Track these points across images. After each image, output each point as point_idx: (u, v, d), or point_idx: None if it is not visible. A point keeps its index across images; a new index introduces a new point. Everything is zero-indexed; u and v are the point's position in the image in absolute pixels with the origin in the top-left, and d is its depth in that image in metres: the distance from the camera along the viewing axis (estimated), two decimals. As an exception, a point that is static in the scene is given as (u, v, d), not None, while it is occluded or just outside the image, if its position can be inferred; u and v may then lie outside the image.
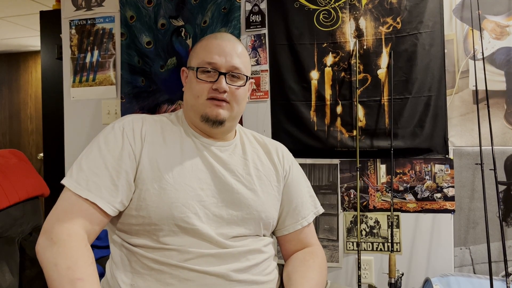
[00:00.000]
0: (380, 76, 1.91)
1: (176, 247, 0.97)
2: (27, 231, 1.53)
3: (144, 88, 2.15)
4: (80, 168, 0.97)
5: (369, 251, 1.94)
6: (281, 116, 2.01)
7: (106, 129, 1.05)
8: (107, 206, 0.95)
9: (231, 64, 1.05)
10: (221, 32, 1.16)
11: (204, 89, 1.04)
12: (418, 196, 1.89)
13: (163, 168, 1.01)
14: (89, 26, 2.24)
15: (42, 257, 0.88)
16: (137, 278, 0.97)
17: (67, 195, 0.95)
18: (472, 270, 1.83)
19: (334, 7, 1.95)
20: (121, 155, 0.99)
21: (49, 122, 2.63)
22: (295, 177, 1.20)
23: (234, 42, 1.09)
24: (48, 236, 0.90)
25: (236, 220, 1.04)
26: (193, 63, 1.08)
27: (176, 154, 1.04)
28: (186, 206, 0.99)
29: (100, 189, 0.95)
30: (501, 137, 1.80)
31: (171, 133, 1.08)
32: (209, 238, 0.99)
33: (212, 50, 1.06)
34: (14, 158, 1.62)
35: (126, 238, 1.01)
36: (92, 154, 0.99)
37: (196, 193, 1.01)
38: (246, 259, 1.02)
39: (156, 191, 0.98)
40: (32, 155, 4.49)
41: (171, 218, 0.97)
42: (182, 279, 0.96)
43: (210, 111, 1.04)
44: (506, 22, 1.80)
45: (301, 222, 1.17)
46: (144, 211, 0.98)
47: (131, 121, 1.06)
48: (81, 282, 0.82)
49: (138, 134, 1.03)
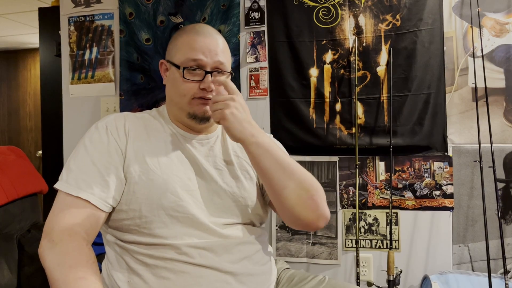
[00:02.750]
0: (380, 74, 1.91)
1: (168, 241, 0.98)
2: (25, 228, 1.53)
3: (143, 85, 2.14)
4: (69, 169, 0.98)
5: (368, 249, 1.94)
6: (280, 114, 2.01)
7: (90, 130, 1.06)
8: (100, 202, 0.96)
9: (215, 60, 1.06)
10: (200, 25, 1.15)
11: (190, 88, 1.05)
12: (417, 193, 1.89)
13: (150, 161, 1.02)
14: (88, 23, 2.24)
15: (45, 258, 0.89)
16: (133, 275, 0.98)
17: (61, 197, 0.97)
18: (471, 268, 1.84)
19: (333, 4, 1.94)
20: (108, 151, 1.00)
21: (48, 119, 2.63)
22: None
23: (216, 38, 1.10)
24: (49, 238, 0.91)
25: (223, 208, 1.06)
26: (176, 60, 1.08)
27: (160, 148, 1.05)
28: (175, 195, 1.00)
29: (91, 186, 0.96)
30: (500, 134, 1.80)
31: (154, 128, 1.09)
32: (202, 225, 1.01)
33: (197, 48, 1.06)
34: (12, 155, 1.62)
35: (119, 236, 1.02)
36: (79, 154, 1.00)
37: (184, 182, 1.03)
38: (238, 251, 1.03)
39: (145, 182, 0.99)
40: (31, 152, 4.49)
41: (161, 208, 0.98)
42: (177, 271, 0.97)
43: (198, 109, 1.06)
44: (505, 19, 1.80)
45: None
46: (135, 204, 0.99)
47: (113, 119, 1.07)
48: (84, 280, 0.83)
49: (122, 130, 1.04)
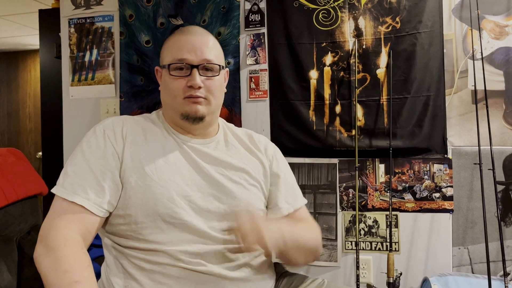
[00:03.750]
0: (379, 76, 1.91)
1: (165, 247, 0.97)
2: (25, 230, 1.53)
3: (143, 87, 2.14)
4: (65, 174, 0.98)
5: (368, 251, 1.94)
6: (280, 116, 2.01)
7: (87, 134, 1.06)
8: (95, 208, 0.95)
9: (202, 58, 1.05)
10: (190, 26, 1.15)
11: (179, 87, 1.05)
12: (417, 195, 1.89)
13: (147, 166, 1.01)
14: (88, 24, 2.24)
15: (40, 263, 0.89)
16: (130, 279, 0.98)
17: (57, 202, 0.97)
18: (471, 270, 1.84)
19: (333, 6, 1.95)
20: (104, 156, 1.00)
21: (48, 121, 2.63)
22: (280, 166, 1.21)
23: (203, 36, 1.09)
24: (44, 243, 0.91)
25: (223, 214, 1.05)
26: (165, 62, 1.08)
27: (158, 152, 1.05)
28: (171, 202, 0.99)
29: (86, 190, 0.96)
30: (499, 137, 1.80)
31: (152, 132, 1.09)
32: (199, 232, 1.00)
33: (182, 47, 1.06)
34: (12, 157, 1.61)
35: (116, 240, 1.02)
36: (76, 158, 1.00)
37: (181, 188, 1.02)
38: (237, 257, 1.02)
39: (141, 188, 0.99)
40: (31, 154, 4.48)
41: (157, 214, 0.98)
42: (174, 277, 0.96)
43: (189, 108, 1.05)
44: (505, 22, 1.80)
45: (294, 205, 1.17)
46: (131, 209, 0.98)
47: (111, 123, 1.07)
48: (79, 285, 0.83)
49: (119, 134, 1.04)
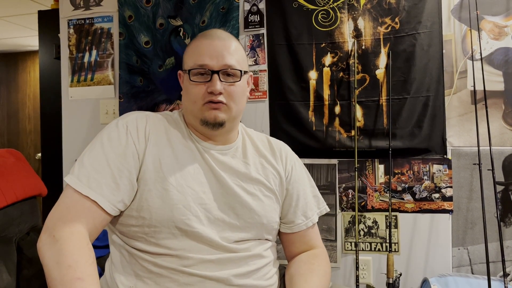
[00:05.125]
0: (379, 76, 1.91)
1: (175, 252, 0.96)
2: (24, 231, 1.52)
3: (142, 88, 2.14)
4: (82, 164, 0.95)
5: (367, 251, 1.94)
6: (280, 116, 2.01)
7: (109, 126, 1.03)
8: (108, 205, 0.93)
9: (223, 63, 1.02)
10: (214, 30, 1.13)
11: (199, 93, 1.02)
12: (416, 196, 1.89)
13: (166, 170, 0.99)
14: (87, 25, 2.24)
15: (44, 254, 0.87)
16: (136, 280, 0.97)
17: (69, 192, 0.94)
18: (470, 270, 1.83)
19: (332, 7, 1.95)
20: (124, 154, 0.97)
21: (47, 122, 2.63)
22: (298, 177, 1.19)
23: (226, 40, 1.06)
24: (50, 233, 0.89)
25: (238, 225, 1.03)
26: (186, 67, 1.06)
27: (179, 157, 1.03)
28: (187, 209, 0.97)
29: (101, 186, 0.93)
30: (499, 137, 1.80)
31: (174, 134, 1.06)
32: (210, 241, 0.98)
33: (203, 52, 1.03)
34: (11, 158, 1.61)
35: (125, 240, 1.00)
36: (95, 151, 0.97)
37: (198, 195, 1.00)
38: (246, 264, 1.01)
39: (159, 192, 0.97)
40: (30, 155, 4.49)
41: (172, 220, 0.96)
42: (181, 283, 0.95)
43: (208, 114, 1.02)
44: (504, 22, 1.80)
45: (306, 223, 1.16)
46: (146, 212, 0.96)
47: (134, 119, 1.04)
48: (81, 281, 0.82)
49: (142, 133, 1.01)
